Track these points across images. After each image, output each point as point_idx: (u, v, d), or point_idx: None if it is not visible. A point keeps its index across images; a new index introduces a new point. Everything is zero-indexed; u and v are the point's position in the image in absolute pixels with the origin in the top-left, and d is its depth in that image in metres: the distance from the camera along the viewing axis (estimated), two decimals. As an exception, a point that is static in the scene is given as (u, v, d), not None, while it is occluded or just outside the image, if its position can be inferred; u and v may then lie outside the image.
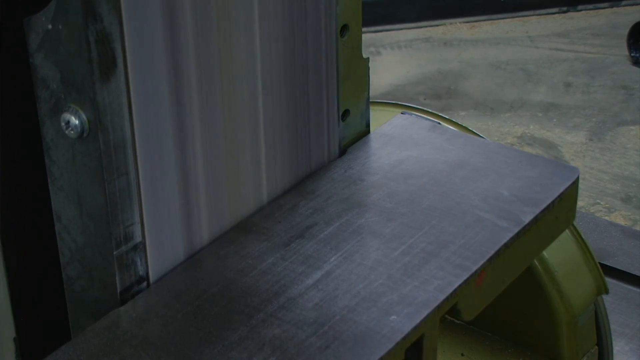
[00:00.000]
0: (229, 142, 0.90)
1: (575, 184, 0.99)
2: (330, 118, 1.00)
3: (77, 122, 0.79)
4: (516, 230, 0.91)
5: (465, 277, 0.86)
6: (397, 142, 1.02)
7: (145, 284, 0.86)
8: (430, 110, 1.28)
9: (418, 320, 0.81)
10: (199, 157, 0.87)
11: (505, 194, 0.96)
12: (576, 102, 3.27)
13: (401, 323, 0.80)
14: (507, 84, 3.25)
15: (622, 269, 1.79)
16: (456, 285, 0.85)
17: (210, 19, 0.84)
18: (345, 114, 1.02)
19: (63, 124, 0.79)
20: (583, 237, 1.20)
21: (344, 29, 0.98)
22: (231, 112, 0.89)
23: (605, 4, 3.90)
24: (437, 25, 2.28)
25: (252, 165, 0.93)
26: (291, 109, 0.95)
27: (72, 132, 0.79)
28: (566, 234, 1.18)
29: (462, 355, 1.03)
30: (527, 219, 0.93)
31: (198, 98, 0.85)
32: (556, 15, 3.81)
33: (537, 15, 3.69)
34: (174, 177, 0.85)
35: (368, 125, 1.05)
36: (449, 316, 0.83)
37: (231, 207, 0.92)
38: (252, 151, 0.92)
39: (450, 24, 2.28)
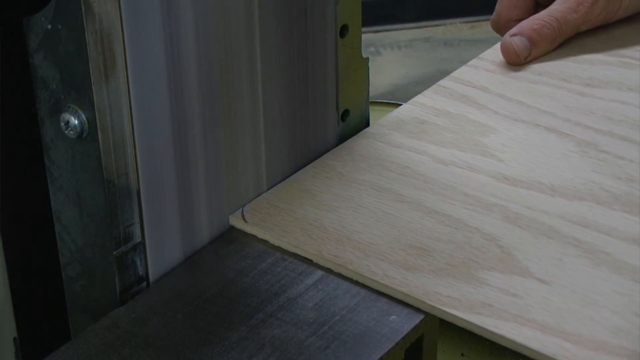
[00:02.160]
0: (229, 142, 0.89)
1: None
2: (330, 118, 1.00)
3: (76, 122, 0.78)
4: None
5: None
6: (397, 142, 1.02)
7: (145, 284, 0.85)
8: (430, 110, 1.27)
9: (418, 320, 0.81)
10: (199, 157, 0.87)
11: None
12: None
13: (401, 323, 0.80)
14: (507, 84, 3.23)
15: None
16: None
17: (210, 18, 0.84)
18: (345, 114, 1.02)
19: (62, 124, 0.79)
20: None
21: (343, 29, 0.98)
22: (231, 112, 0.89)
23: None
24: (437, 25, 2.27)
25: (252, 166, 0.93)
26: (291, 109, 0.95)
27: (71, 132, 0.79)
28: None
29: (462, 355, 1.03)
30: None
31: (198, 98, 0.85)
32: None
33: (537, 15, 3.68)
34: (174, 177, 0.85)
35: (368, 125, 1.05)
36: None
37: (231, 207, 0.92)
38: (252, 151, 0.92)
39: (450, 24, 2.28)
